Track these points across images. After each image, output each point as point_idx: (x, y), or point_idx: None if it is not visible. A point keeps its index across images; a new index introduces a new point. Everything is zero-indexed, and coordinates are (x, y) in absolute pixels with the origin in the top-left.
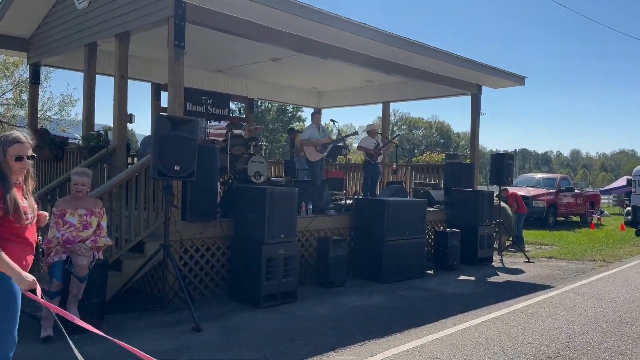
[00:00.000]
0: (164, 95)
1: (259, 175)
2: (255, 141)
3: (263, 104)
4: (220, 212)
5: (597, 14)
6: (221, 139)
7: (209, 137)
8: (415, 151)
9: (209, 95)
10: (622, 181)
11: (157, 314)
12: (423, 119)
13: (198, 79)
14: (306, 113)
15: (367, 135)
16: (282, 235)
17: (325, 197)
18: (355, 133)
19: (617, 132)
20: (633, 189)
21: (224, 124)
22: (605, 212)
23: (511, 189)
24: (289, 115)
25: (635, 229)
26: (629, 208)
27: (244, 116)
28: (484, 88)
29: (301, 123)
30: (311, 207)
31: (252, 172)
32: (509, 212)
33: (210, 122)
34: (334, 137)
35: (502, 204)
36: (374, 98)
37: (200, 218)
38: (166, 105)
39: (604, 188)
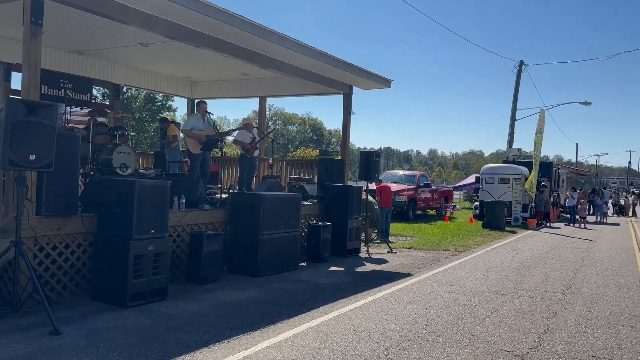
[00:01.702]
0: (16, 77)
1: (125, 167)
2: (122, 130)
3: (130, 91)
4: (82, 207)
5: (457, 26)
6: (82, 126)
7: (69, 125)
8: (290, 146)
9: (68, 78)
10: (471, 179)
11: (8, 318)
12: (297, 115)
13: (56, 60)
14: (177, 102)
15: (244, 127)
16: (152, 231)
17: (199, 190)
18: (242, 128)
19: (468, 134)
20: (480, 186)
21: (85, 110)
22: (457, 206)
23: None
24: (159, 104)
25: (482, 222)
26: (477, 203)
27: (108, 103)
28: (354, 89)
29: (172, 112)
30: (184, 201)
31: (117, 164)
32: (376, 206)
33: (70, 109)
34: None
35: (370, 198)
36: (250, 92)
37: (58, 213)
38: (19, 88)
39: (456, 185)
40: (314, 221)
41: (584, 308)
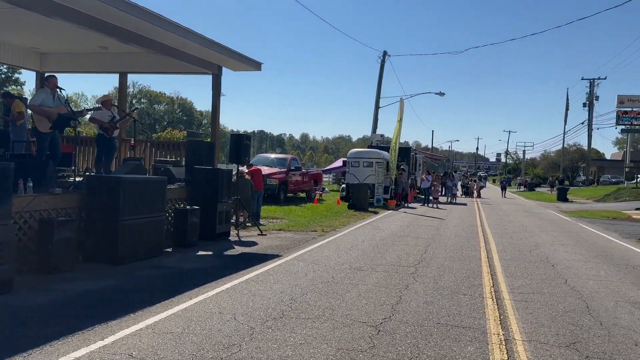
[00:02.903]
0: None
1: None
2: None
3: None
4: None
5: (326, 13)
6: None
7: None
8: (157, 127)
9: None
10: (339, 162)
11: None
12: (165, 94)
13: None
14: (25, 76)
15: (101, 106)
16: None
17: (48, 173)
18: (99, 108)
19: (338, 119)
20: (347, 169)
21: None
22: (326, 189)
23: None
24: (3, 76)
25: (348, 203)
26: (344, 185)
27: None
28: (224, 70)
29: (19, 87)
30: (31, 184)
31: None
32: (251, 189)
33: None
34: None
35: (247, 177)
36: (109, 67)
37: None
38: None
39: (326, 168)
40: (181, 205)
41: (432, 280)
